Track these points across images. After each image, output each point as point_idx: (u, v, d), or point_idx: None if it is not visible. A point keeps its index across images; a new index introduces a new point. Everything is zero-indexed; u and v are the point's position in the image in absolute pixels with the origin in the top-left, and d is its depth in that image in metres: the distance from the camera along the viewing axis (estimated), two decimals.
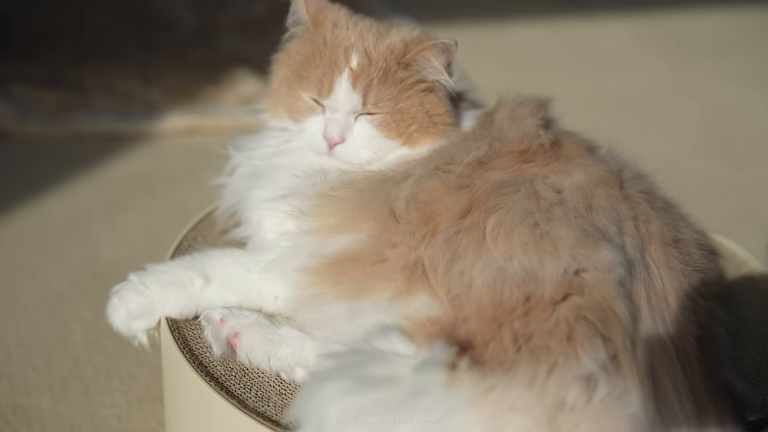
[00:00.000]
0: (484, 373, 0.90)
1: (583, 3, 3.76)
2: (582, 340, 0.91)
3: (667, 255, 1.05)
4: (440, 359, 0.91)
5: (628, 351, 0.92)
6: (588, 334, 0.91)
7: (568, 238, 0.99)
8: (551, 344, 0.91)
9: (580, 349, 0.90)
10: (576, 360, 0.89)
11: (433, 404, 0.88)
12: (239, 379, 1.08)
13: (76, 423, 1.40)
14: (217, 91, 2.55)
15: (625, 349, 0.92)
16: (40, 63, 2.64)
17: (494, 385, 0.88)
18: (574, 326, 0.92)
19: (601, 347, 0.91)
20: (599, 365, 0.89)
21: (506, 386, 0.88)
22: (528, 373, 0.89)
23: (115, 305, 1.14)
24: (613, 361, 0.91)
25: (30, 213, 1.97)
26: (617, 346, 0.92)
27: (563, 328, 0.92)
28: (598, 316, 0.93)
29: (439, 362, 0.90)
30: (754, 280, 1.34)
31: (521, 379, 0.88)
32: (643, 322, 0.96)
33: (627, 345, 0.92)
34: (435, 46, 1.16)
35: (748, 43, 3.47)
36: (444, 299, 0.98)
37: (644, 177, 1.20)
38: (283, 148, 1.25)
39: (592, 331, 0.92)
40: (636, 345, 0.93)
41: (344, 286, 1.03)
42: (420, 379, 0.90)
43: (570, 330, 0.92)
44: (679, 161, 2.43)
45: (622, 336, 0.92)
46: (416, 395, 0.88)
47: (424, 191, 1.08)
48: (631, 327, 0.94)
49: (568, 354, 0.90)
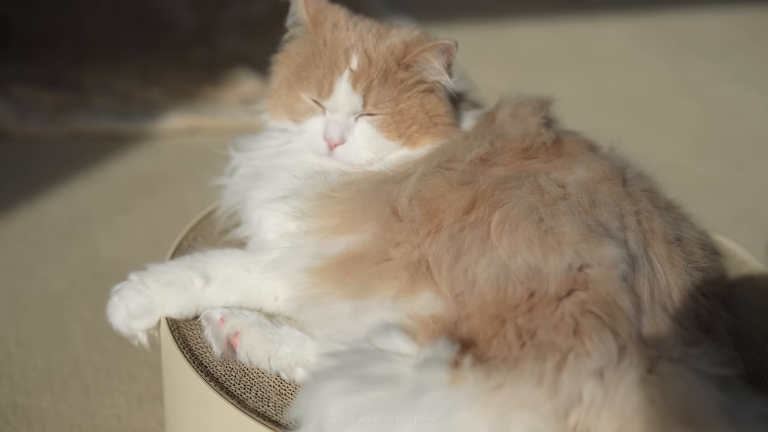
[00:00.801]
0: (488, 370, 0.90)
1: (582, 3, 3.76)
2: (590, 333, 0.91)
3: (670, 252, 1.05)
4: (442, 357, 0.91)
5: (635, 342, 0.92)
6: (596, 327, 0.92)
7: (572, 234, 1.00)
8: (557, 339, 0.91)
9: (589, 344, 0.90)
10: (587, 356, 0.89)
11: (436, 402, 0.87)
12: (239, 379, 1.08)
13: (76, 423, 1.40)
14: (217, 91, 2.55)
15: (633, 341, 0.92)
16: (40, 63, 2.64)
17: (501, 383, 0.88)
18: (580, 320, 0.92)
19: (611, 340, 0.91)
20: (610, 358, 0.89)
21: (513, 384, 0.88)
22: (535, 371, 0.89)
23: (115, 305, 1.14)
24: (622, 352, 0.91)
25: (30, 213, 1.97)
26: (624, 339, 0.92)
27: (569, 323, 0.92)
28: (603, 310, 0.93)
29: (441, 360, 0.90)
30: (754, 280, 1.34)
31: (528, 376, 0.88)
32: (647, 314, 0.96)
33: (634, 336, 0.92)
34: (435, 47, 1.15)
35: (748, 43, 3.47)
36: (448, 296, 0.98)
37: (646, 177, 1.20)
38: (284, 148, 1.25)
39: (599, 324, 0.92)
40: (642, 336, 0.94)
41: (348, 286, 1.03)
42: (422, 377, 0.90)
43: (576, 324, 0.92)
44: (679, 161, 2.43)
45: (629, 328, 0.93)
46: (418, 393, 0.88)
47: (428, 188, 1.08)
48: (636, 320, 0.94)
49: (578, 349, 0.90)
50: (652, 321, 0.96)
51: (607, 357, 0.89)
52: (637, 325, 0.94)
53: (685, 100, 2.91)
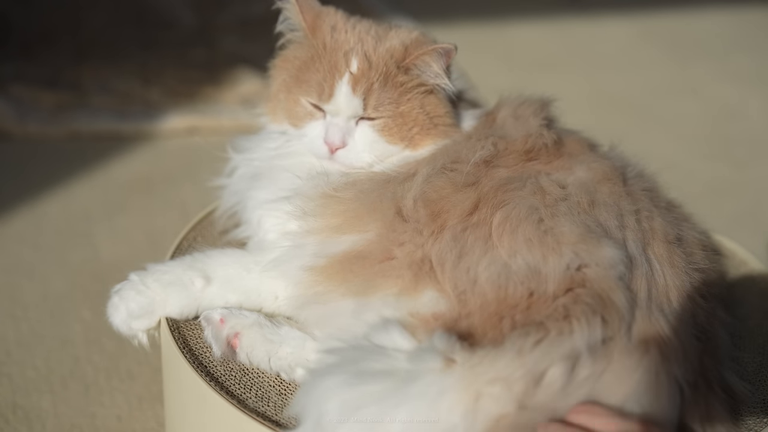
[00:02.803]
0: (474, 349, 0.91)
1: (583, 2, 3.76)
2: (579, 316, 0.92)
3: (670, 253, 1.05)
4: (437, 347, 0.91)
5: (623, 336, 0.92)
6: (586, 311, 0.92)
7: (571, 234, 1.00)
8: (547, 322, 0.92)
9: (576, 324, 0.91)
10: (569, 334, 0.90)
11: (427, 387, 0.88)
12: (239, 379, 1.08)
13: (76, 423, 1.40)
14: (217, 91, 2.55)
15: (621, 334, 0.92)
16: (39, 62, 2.64)
17: (482, 358, 0.89)
18: (571, 308, 0.93)
19: (598, 325, 0.91)
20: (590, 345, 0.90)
21: (493, 358, 0.89)
22: (516, 345, 0.89)
23: (115, 305, 1.14)
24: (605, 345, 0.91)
25: (29, 213, 1.97)
26: (613, 329, 0.92)
27: (561, 311, 0.93)
28: (596, 301, 0.94)
29: (435, 350, 0.91)
30: (754, 280, 1.34)
31: (509, 350, 0.89)
32: (641, 310, 0.97)
33: (623, 330, 0.93)
34: (435, 50, 1.15)
35: (748, 43, 3.47)
36: (451, 295, 0.99)
37: (647, 176, 1.20)
38: (284, 150, 1.25)
39: (590, 309, 0.93)
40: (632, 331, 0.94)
41: (352, 284, 1.03)
42: (416, 367, 0.90)
43: (567, 311, 0.93)
44: (679, 161, 2.43)
45: (619, 320, 0.93)
46: (410, 382, 0.89)
47: (433, 189, 1.08)
48: (629, 314, 0.95)
49: (562, 329, 0.91)
50: (647, 318, 0.96)
51: (588, 341, 0.90)
52: (628, 320, 0.94)
53: (685, 100, 2.91)
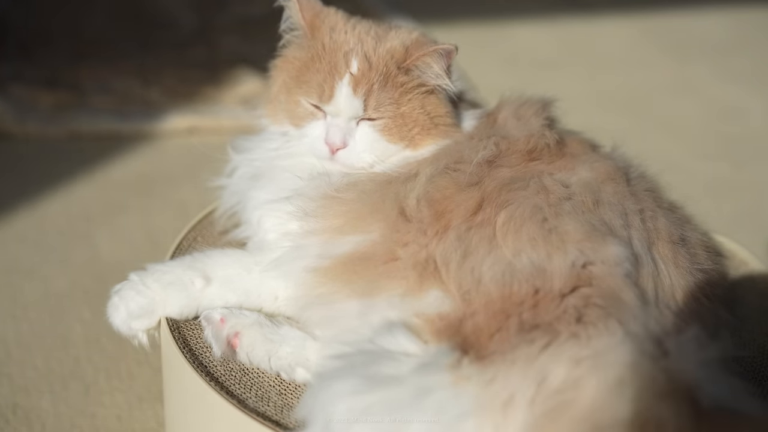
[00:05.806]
0: (485, 364, 0.90)
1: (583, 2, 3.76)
2: (594, 321, 0.91)
3: (674, 253, 1.05)
4: (441, 363, 0.91)
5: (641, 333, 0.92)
6: (601, 316, 0.92)
7: (576, 233, 1.00)
8: (558, 326, 0.91)
9: (592, 330, 0.90)
10: (587, 340, 0.89)
11: (442, 404, 0.87)
12: (239, 379, 1.08)
13: (76, 423, 1.40)
14: (217, 91, 2.54)
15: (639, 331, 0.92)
16: (38, 62, 2.64)
17: (494, 375, 0.88)
18: (583, 311, 0.92)
19: (617, 328, 0.91)
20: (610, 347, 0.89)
21: (505, 374, 0.88)
22: (525, 354, 0.89)
23: (115, 305, 1.14)
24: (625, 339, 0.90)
25: (29, 213, 1.97)
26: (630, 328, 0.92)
27: (572, 313, 0.93)
28: (608, 303, 0.93)
29: (440, 365, 0.91)
30: (754, 280, 1.34)
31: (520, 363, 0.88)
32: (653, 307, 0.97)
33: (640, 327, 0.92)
34: (435, 51, 1.15)
35: (748, 43, 3.47)
36: (455, 295, 0.99)
37: (649, 177, 1.20)
38: (284, 151, 1.25)
39: (604, 313, 0.92)
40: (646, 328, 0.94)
41: (356, 285, 1.04)
42: (424, 380, 0.90)
43: (579, 315, 0.92)
44: (679, 161, 2.43)
45: (634, 319, 0.93)
46: (423, 394, 0.88)
47: (437, 189, 1.08)
48: (642, 312, 0.95)
49: (578, 333, 0.90)
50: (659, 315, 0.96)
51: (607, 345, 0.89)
52: (643, 318, 0.94)
53: (685, 100, 2.91)
